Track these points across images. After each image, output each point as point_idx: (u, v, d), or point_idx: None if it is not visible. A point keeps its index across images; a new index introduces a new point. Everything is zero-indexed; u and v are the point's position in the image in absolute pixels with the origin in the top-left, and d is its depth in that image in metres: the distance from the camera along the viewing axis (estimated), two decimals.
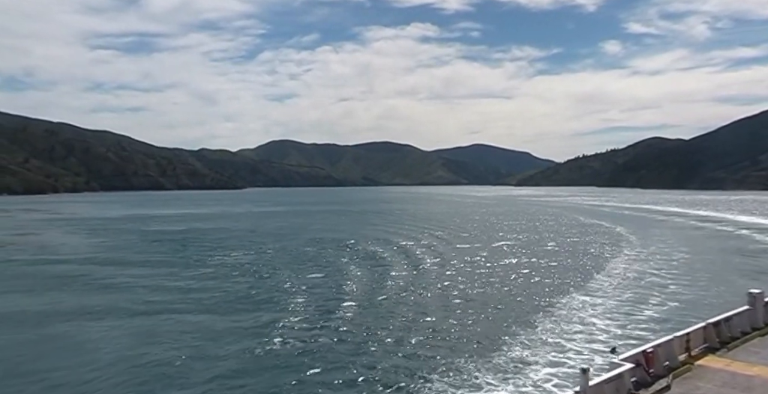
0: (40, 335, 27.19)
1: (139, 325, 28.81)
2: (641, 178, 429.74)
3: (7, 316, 30.66)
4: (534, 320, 28.37)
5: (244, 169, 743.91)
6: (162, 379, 20.72)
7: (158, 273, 45.37)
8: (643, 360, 13.43)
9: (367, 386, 19.80)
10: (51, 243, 67.23)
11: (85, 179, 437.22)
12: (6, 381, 20.64)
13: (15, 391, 19.63)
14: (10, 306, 32.99)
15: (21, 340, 26.30)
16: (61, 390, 19.76)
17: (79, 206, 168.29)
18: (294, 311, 31.36)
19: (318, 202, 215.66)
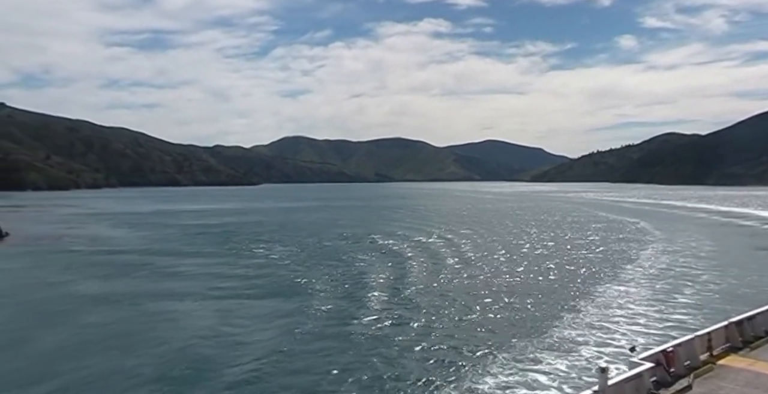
0: (135, 312, 30.46)
1: (215, 307, 31.78)
2: (657, 174, 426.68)
3: (101, 297, 34.03)
4: (557, 314, 28.78)
5: (258, 165, 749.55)
6: (240, 352, 23.44)
7: (215, 262, 48.58)
8: (663, 359, 13.28)
9: (399, 364, 22.30)
10: (102, 236, 71.00)
11: (105, 175, 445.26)
12: (116, 349, 23.64)
13: (127, 356, 22.63)
14: (100, 289, 36.35)
15: (120, 316, 29.53)
16: (159, 357, 22.63)
17: (106, 202, 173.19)
18: (352, 297, 34.06)
19: (336, 198, 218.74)
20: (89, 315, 30.01)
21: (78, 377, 20.35)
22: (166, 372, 20.84)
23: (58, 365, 21.65)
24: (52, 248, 59.34)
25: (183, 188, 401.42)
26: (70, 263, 48.04)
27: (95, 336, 26.13)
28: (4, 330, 26.90)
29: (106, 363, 22.01)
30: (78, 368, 21.34)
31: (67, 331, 26.88)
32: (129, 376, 20.39)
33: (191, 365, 21.62)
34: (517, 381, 19.21)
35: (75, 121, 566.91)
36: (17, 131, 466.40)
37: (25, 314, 30.14)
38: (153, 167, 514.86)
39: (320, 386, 19.38)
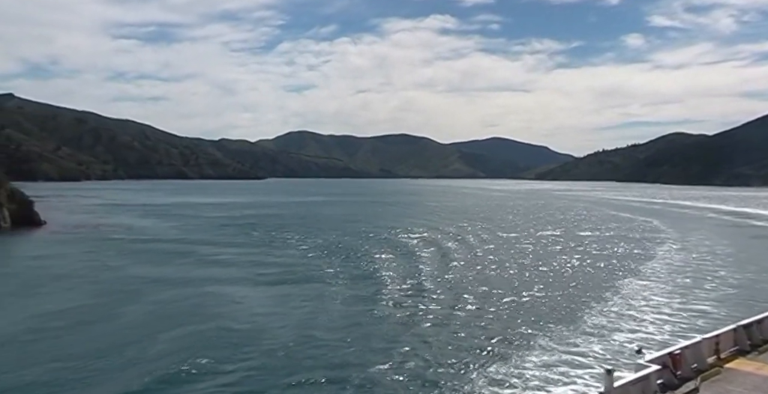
0: (195, 293, 33.12)
1: (265, 291, 34.34)
2: (663, 173, 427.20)
3: (160, 280, 36.69)
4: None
5: (263, 159, 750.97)
6: (293, 328, 26.00)
7: (251, 252, 51.13)
8: (669, 362, 13.20)
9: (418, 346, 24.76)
10: (135, 226, 73.68)
11: (113, 167, 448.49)
12: (190, 323, 26.12)
13: (201, 327, 25.11)
14: (156, 273, 38.98)
15: (184, 296, 32.24)
16: (227, 329, 25.16)
17: (122, 193, 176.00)
18: (386, 284, 36.43)
19: (345, 193, 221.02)
20: (157, 295, 32.64)
21: (169, 343, 23.02)
22: (232, 340, 23.56)
23: (150, 333, 24.29)
24: (93, 235, 62.01)
25: (190, 181, 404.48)
26: (119, 250, 50.69)
27: (169, 311, 28.79)
28: (95, 305, 29.67)
29: (187, 333, 24.64)
30: (166, 336, 23.98)
31: (145, 307, 29.51)
32: (207, 343, 23.12)
33: (255, 336, 24.25)
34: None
35: (82, 113, 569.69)
36: (26, 122, 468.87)
37: (104, 293, 32.77)
38: (160, 160, 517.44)
39: (378, 360, 21.57)
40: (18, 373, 19.50)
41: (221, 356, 21.55)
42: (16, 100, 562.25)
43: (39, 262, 43.53)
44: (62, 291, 33.01)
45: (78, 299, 30.93)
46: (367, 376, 19.51)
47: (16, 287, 34.11)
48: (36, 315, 27.28)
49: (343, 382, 18.95)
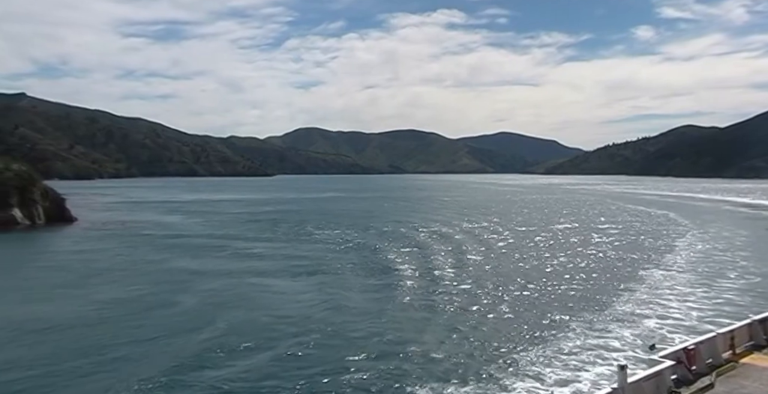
0: (238, 283, 34.98)
1: (299, 281, 35.93)
2: (674, 166, 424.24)
3: (201, 272, 38.61)
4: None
5: (271, 156, 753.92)
6: (335, 314, 27.67)
7: (281, 246, 52.89)
8: (684, 357, 13.13)
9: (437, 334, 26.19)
10: (162, 222, 75.84)
11: (126, 165, 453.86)
12: (241, 309, 27.84)
13: (252, 313, 26.80)
14: (196, 266, 40.89)
15: (228, 286, 34.02)
16: (275, 315, 26.82)
17: (139, 191, 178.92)
18: (415, 275, 38.02)
19: (357, 189, 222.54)
20: (203, 285, 34.45)
21: (228, 327, 24.80)
22: (283, 324, 25.36)
23: (208, 318, 26.11)
24: (124, 231, 64.15)
25: (201, 179, 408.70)
26: (154, 245, 52.71)
27: (220, 300, 30.58)
28: (151, 294, 31.61)
29: (242, 319, 26.47)
30: (224, 321, 25.77)
31: (196, 296, 31.32)
32: (261, 327, 24.99)
33: (303, 321, 25.96)
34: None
35: (93, 112, 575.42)
36: (40, 121, 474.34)
37: (155, 283, 34.67)
38: (171, 158, 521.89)
39: (411, 344, 23.13)
40: (104, 352, 21.40)
41: (276, 338, 23.36)
42: (28, 99, 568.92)
43: (84, 256, 45.58)
44: (116, 282, 34.93)
45: (133, 289, 32.81)
46: (404, 359, 21.04)
47: (74, 278, 36.11)
48: (102, 303, 29.26)
49: (385, 363, 20.40)
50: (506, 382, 18.72)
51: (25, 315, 26.86)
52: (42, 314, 27.02)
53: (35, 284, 34.18)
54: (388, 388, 18.17)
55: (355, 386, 18.37)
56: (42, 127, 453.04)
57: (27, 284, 34.17)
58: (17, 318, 26.28)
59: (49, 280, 35.44)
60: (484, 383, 18.71)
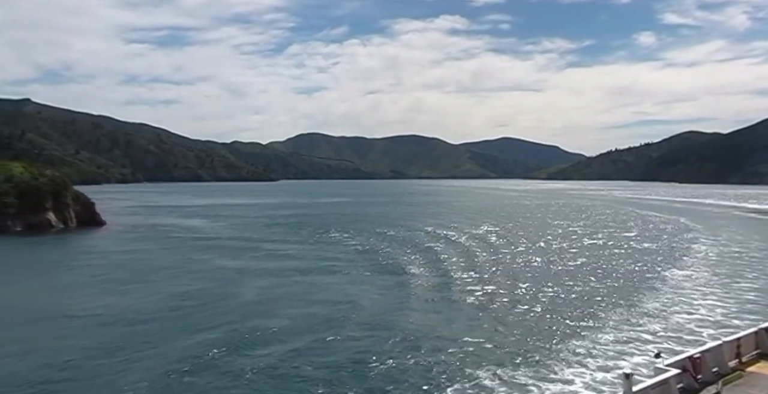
0: (282, 281, 37.09)
1: (337, 279, 37.99)
2: (677, 172, 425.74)
3: (245, 270, 40.90)
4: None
5: (275, 161, 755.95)
6: (383, 307, 29.81)
7: (309, 247, 55.02)
8: (690, 366, 13.00)
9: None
10: (187, 225, 77.98)
11: (131, 171, 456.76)
12: (298, 302, 29.95)
13: (308, 306, 28.88)
14: (239, 265, 43.18)
15: (276, 283, 36.18)
16: (328, 306, 28.98)
17: (151, 196, 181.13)
18: (443, 273, 40.10)
19: (363, 194, 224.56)
20: (252, 282, 36.67)
21: (289, 317, 27.06)
22: (336, 315, 27.59)
23: (269, 310, 28.40)
24: (155, 234, 66.29)
25: (207, 184, 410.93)
26: (190, 246, 54.85)
27: (274, 295, 32.92)
28: (207, 289, 34.01)
29: (300, 309, 28.76)
30: (284, 313, 28.06)
31: (250, 291, 33.58)
32: (318, 316, 27.23)
33: (353, 313, 28.22)
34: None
35: (98, 117, 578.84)
36: (45, 126, 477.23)
37: (206, 280, 36.89)
38: (176, 163, 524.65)
39: (441, 332, 25.17)
40: (185, 338, 23.60)
41: (336, 326, 25.62)
42: (33, 105, 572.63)
43: (131, 256, 47.76)
44: (174, 279, 37.11)
45: (189, 285, 34.97)
46: (456, 347, 23.20)
47: (133, 275, 38.33)
48: (171, 295, 31.64)
49: (441, 350, 22.49)
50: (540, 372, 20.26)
51: (112, 306, 29.37)
52: (125, 305, 29.47)
53: (103, 280, 36.46)
54: (450, 371, 20.10)
55: (418, 368, 20.42)
56: (48, 132, 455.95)
57: (95, 280, 36.48)
58: (107, 309, 28.89)
59: (112, 276, 37.69)
60: (525, 369, 20.59)
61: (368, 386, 18.78)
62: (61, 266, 43.10)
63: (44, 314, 27.68)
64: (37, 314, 27.65)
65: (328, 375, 19.56)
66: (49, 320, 26.70)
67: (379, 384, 18.90)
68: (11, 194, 64.94)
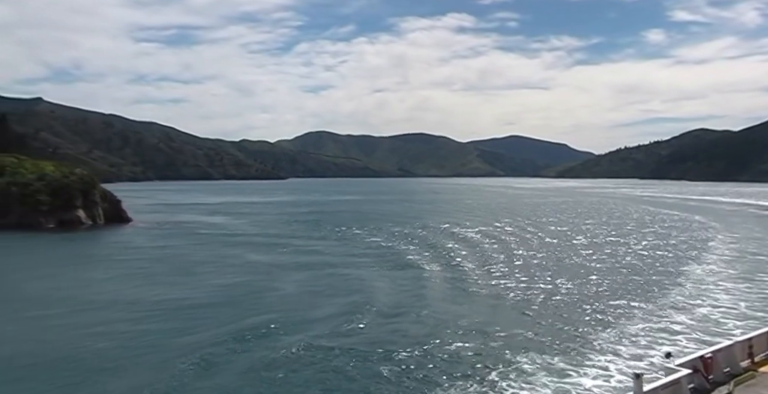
0: (317, 275, 38.58)
1: (367, 272, 39.45)
2: (687, 170, 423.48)
3: (278, 264, 42.56)
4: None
5: (283, 159, 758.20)
6: (416, 299, 31.21)
7: (334, 243, 56.62)
8: (701, 366, 12.92)
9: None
10: (210, 222, 79.85)
11: (142, 169, 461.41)
12: (337, 293, 31.43)
13: (347, 297, 30.29)
14: (271, 260, 44.85)
15: (312, 276, 37.74)
16: (368, 297, 30.48)
17: (164, 194, 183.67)
18: (466, 268, 41.47)
19: (375, 192, 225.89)
20: (288, 275, 38.31)
21: (331, 307, 28.58)
22: (375, 306, 28.92)
23: (312, 300, 30.06)
24: (182, 230, 68.09)
25: (217, 182, 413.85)
26: (220, 242, 56.56)
27: (312, 287, 34.49)
28: (249, 282, 35.77)
29: (341, 300, 30.31)
30: (326, 303, 29.65)
31: (289, 284, 35.24)
32: (358, 306, 28.66)
33: (388, 303, 29.71)
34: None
35: (108, 116, 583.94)
36: (58, 125, 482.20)
37: (245, 273, 38.64)
38: (186, 161, 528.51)
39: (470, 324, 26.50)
40: (242, 323, 25.34)
41: (378, 315, 27.21)
42: (45, 104, 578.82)
43: (165, 251, 49.58)
44: (212, 272, 38.80)
45: (231, 278, 36.67)
46: (493, 335, 24.70)
47: (172, 269, 40.11)
48: (215, 287, 33.42)
49: (479, 338, 23.89)
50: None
51: (166, 296, 31.34)
52: (179, 294, 31.40)
53: (148, 273, 38.26)
54: (491, 356, 21.48)
55: (463, 353, 21.85)
56: (60, 131, 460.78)
57: (141, 273, 38.28)
58: (163, 298, 30.86)
59: (155, 270, 39.47)
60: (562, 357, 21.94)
61: (418, 368, 20.20)
62: (103, 259, 44.94)
63: (107, 302, 29.63)
64: (101, 302, 29.58)
65: (378, 358, 21.03)
66: (113, 307, 28.66)
67: (428, 367, 20.32)
68: (44, 192, 67.00)
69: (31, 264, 42.78)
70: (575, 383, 19.14)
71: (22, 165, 72.82)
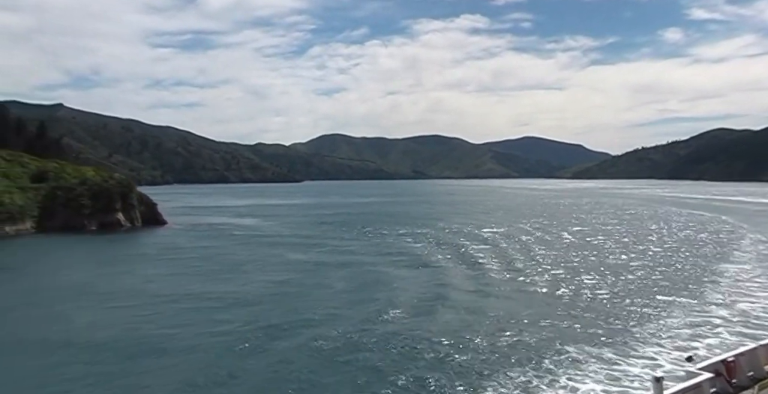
0: (360, 272, 40.13)
1: (406, 271, 40.73)
2: (707, 170, 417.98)
3: (319, 264, 44.17)
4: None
5: (298, 162, 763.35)
6: (458, 294, 32.54)
7: (368, 243, 58.14)
8: (723, 369, 12.75)
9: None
10: (242, 224, 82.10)
11: (161, 173, 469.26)
12: (380, 292, 32.87)
13: (395, 293, 31.77)
14: (310, 259, 46.51)
15: (356, 273, 39.29)
16: (413, 291, 31.88)
17: (187, 197, 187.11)
18: (499, 267, 42.57)
19: (394, 194, 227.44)
20: (334, 272, 40.10)
21: (386, 299, 30.16)
22: (422, 302, 30.41)
23: (367, 294, 31.70)
24: (217, 232, 70.34)
25: (234, 185, 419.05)
26: (258, 243, 58.56)
27: (359, 283, 36.07)
28: (299, 278, 37.69)
29: (390, 294, 31.82)
30: (379, 295, 31.34)
31: (338, 280, 37.02)
32: (409, 301, 30.15)
33: (430, 298, 31.16)
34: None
35: (126, 121, 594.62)
36: (79, 131, 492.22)
37: (293, 271, 40.52)
38: (203, 165, 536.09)
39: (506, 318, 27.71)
40: (305, 315, 27.11)
41: (427, 308, 28.80)
42: (65, 109, 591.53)
43: (208, 251, 51.72)
44: (259, 270, 40.85)
45: (280, 275, 38.60)
46: (536, 328, 26.00)
47: (221, 267, 42.31)
48: (267, 284, 35.55)
49: (521, 331, 25.09)
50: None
51: (223, 291, 33.33)
52: (236, 289, 33.51)
53: (200, 271, 40.39)
54: (537, 348, 22.52)
55: (515, 343, 23.19)
56: (82, 136, 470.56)
57: (193, 271, 40.43)
58: (223, 293, 32.79)
59: (205, 268, 41.59)
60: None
61: (480, 353, 21.72)
62: (155, 258, 47.18)
63: (178, 295, 31.96)
64: (173, 295, 31.88)
65: (435, 347, 22.52)
66: (185, 299, 30.96)
67: (486, 354, 21.78)
68: (86, 196, 69.80)
69: (92, 263, 45.39)
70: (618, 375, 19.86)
71: (64, 170, 75.83)
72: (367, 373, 19.71)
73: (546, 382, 19.25)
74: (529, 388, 18.74)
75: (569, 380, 19.46)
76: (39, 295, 32.68)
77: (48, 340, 23.48)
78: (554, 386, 18.95)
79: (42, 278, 38.38)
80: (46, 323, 26.50)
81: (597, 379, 19.61)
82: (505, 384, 18.98)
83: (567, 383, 19.23)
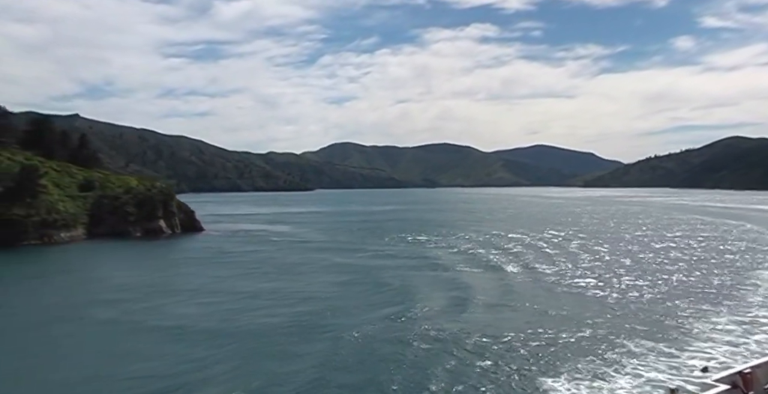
0: (408, 275, 42.24)
1: (450, 275, 42.40)
2: (722, 179, 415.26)
3: (365, 266, 46.51)
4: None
5: (309, 171, 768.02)
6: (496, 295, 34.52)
7: (404, 248, 60.09)
8: (740, 381, 12.50)
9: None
10: (277, 231, 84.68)
11: (176, 181, 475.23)
12: (429, 293, 34.95)
13: (434, 294, 33.82)
14: (354, 263, 48.82)
15: (399, 276, 41.21)
16: (449, 293, 33.86)
17: (209, 206, 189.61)
18: (538, 272, 44.25)
19: (411, 202, 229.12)
20: (380, 274, 42.36)
21: (439, 296, 32.36)
22: (472, 298, 32.50)
23: (422, 293, 33.91)
24: (255, 238, 72.95)
25: (247, 194, 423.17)
26: (299, 248, 61.04)
27: (413, 283, 38.11)
28: (356, 278, 40.08)
29: (441, 293, 34.01)
30: (431, 293, 33.48)
31: (394, 280, 39.05)
32: (459, 300, 31.99)
33: (484, 296, 33.10)
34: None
35: (140, 130, 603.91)
36: (96, 140, 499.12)
37: (344, 273, 42.85)
38: (217, 174, 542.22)
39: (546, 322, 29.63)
40: (374, 313, 29.31)
41: (478, 306, 30.83)
42: (81, 120, 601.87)
43: (256, 255, 54.40)
44: (314, 272, 43.48)
45: (336, 276, 41.19)
46: (575, 330, 27.78)
47: (275, 269, 45.10)
48: (327, 284, 38.05)
49: (564, 331, 26.78)
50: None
51: (288, 289, 36.12)
52: (300, 289, 36.27)
53: (256, 272, 43.28)
54: (584, 348, 23.86)
55: (563, 341, 24.88)
56: (99, 146, 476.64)
57: (250, 272, 43.22)
58: (288, 291, 35.47)
59: (260, 269, 44.38)
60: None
61: (544, 347, 23.72)
62: (211, 261, 49.81)
63: (250, 292, 34.90)
64: (245, 293, 34.89)
65: (507, 339, 24.65)
66: (259, 296, 34.03)
67: (551, 348, 23.63)
68: (131, 204, 72.91)
69: (156, 265, 48.29)
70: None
71: (108, 179, 79.16)
72: (452, 369, 21.51)
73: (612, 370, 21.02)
74: (598, 374, 20.60)
75: (634, 369, 21.09)
76: (131, 292, 35.26)
77: (170, 327, 26.78)
78: (620, 373, 20.63)
79: (124, 279, 41.10)
80: (157, 314, 29.42)
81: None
82: (577, 371, 20.88)
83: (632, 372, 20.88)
